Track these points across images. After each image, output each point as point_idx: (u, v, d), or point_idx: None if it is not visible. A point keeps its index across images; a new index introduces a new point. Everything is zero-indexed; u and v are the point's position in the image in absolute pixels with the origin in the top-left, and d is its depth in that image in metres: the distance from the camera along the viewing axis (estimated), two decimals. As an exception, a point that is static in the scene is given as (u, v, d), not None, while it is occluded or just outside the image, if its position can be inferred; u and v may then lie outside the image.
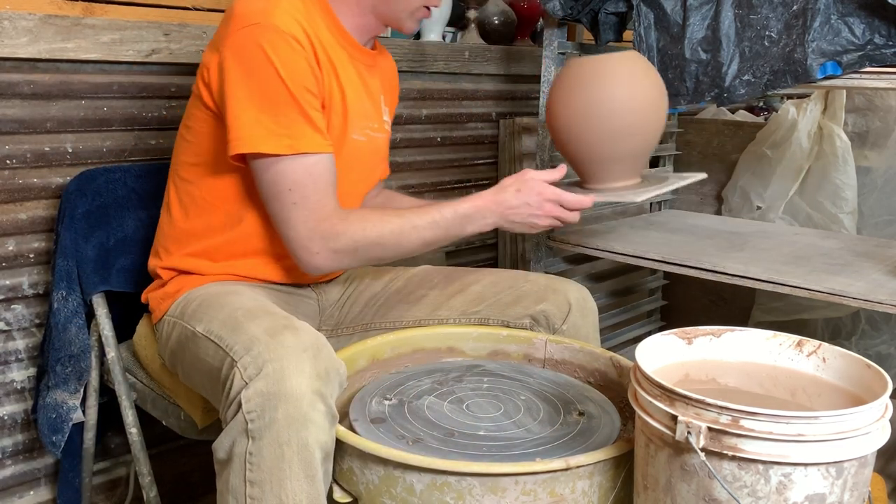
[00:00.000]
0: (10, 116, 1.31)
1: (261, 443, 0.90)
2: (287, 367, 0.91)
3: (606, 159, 1.27)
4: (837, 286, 1.36)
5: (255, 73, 1.06)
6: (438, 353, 1.30)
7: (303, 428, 0.89)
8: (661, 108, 1.29)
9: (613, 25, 1.63)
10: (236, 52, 1.07)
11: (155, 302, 1.22)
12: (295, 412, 0.89)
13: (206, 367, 1.03)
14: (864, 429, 0.76)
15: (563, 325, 1.29)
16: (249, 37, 1.06)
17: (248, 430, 0.90)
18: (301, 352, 0.92)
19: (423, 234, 1.15)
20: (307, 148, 1.08)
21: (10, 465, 1.43)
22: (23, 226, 1.36)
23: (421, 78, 1.91)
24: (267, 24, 1.06)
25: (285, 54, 1.06)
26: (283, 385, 0.89)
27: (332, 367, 0.95)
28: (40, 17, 1.30)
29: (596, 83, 1.25)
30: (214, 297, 1.12)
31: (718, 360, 0.98)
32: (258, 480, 0.90)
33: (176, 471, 1.63)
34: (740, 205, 2.20)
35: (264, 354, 0.92)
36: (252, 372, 0.92)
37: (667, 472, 0.82)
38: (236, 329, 0.99)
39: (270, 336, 0.94)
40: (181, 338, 1.12)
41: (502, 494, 0.88)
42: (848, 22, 1.29)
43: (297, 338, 0.94)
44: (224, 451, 0.94)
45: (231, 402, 0.93)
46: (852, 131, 2.14)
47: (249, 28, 1.06)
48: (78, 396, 1.34)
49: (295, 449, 0.89)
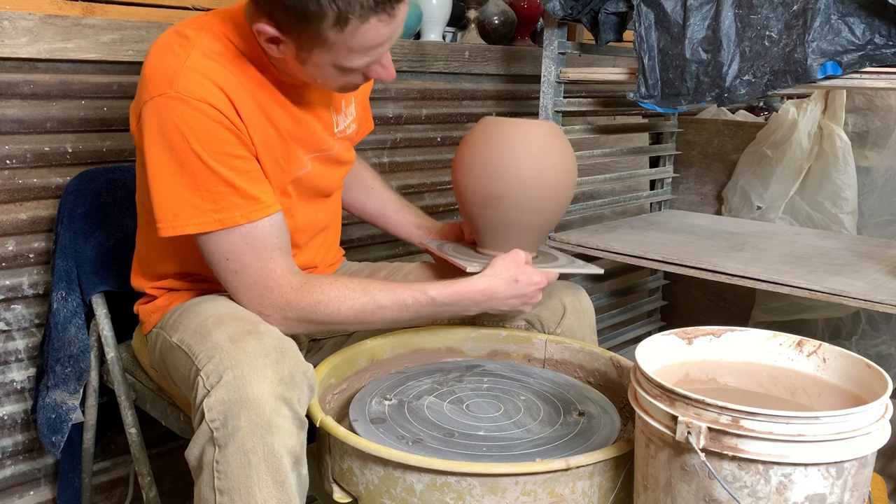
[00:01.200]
0: (10, 116, 1.31)
1: (226, 451, 0.89)
2: (247, 373, 0.89)
3: (506, 229, 1.21)
4: (838, 286, 1.36)
5: (173, 150, 0.99)
6: (438, 354, 1.30)
7: (268, 434, 0.88)
8: (568, 186, 1.23)
9: (613, 25, 1.63)
10: (150, 125, 1.00)
11: (145, 314, 1.22)
12: (258, 419, 0.88)
13: (180, 378, 1.03)
14: (865, 429, 0.76)
15: (558, 329, 1.29)
16: (160, 110, 0.99)
17: (214, 439, 0.90)
18: (262, 357, 0.91)
19: (389, 315, 1.08)
20: (239, 220, 1.01)
21: (10, 465, 1.43)
22: (23, 226, 1.36)
23: (421, 78, 1.91)
24: (173, 96, 0.98)
25: (198, 127, 0.98)
26: (244, 392, 0.88)
27: (297, 370, 0.93)
28: (40, 17, 1.30)
29: (504, 149, 1.18)
30: (192, 306, 1.11)
31: (719, 360, 0.98)
32: (226, 489, 0.90)
33: (176, 471, 1.63)
34: (740, 205, 2.20)
35: (225, 361, 0.91)
36: (213, 380, 0.91)
37: (667, 472, 0.82)
38: (203, 337, 0.98)
39: (232, 342, 0.93)
40: (162, 349, 1.11)
41: (502, 495, 0.88)
42: (848, 22, 1.29)
43: (260, 342, 0.93)
44: (194, 459, 0.94)
45: (197, 409, 0.92)
46: (852, 131, 2.14)
47: (158, 99, 0.99)
48: (77, 396, 1.34)
49: (261, 455, 0.88)
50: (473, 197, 1.21)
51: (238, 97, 1.03)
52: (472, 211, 1.23)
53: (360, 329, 1.14)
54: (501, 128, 1.20)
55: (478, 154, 1.20)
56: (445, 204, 2.05)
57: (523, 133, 1.19)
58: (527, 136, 1.19)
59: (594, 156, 1.93)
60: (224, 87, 1.01)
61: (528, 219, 1.20)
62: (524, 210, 1.19)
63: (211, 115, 0.99)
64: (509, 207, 1.19)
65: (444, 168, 2.04)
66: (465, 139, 1.26)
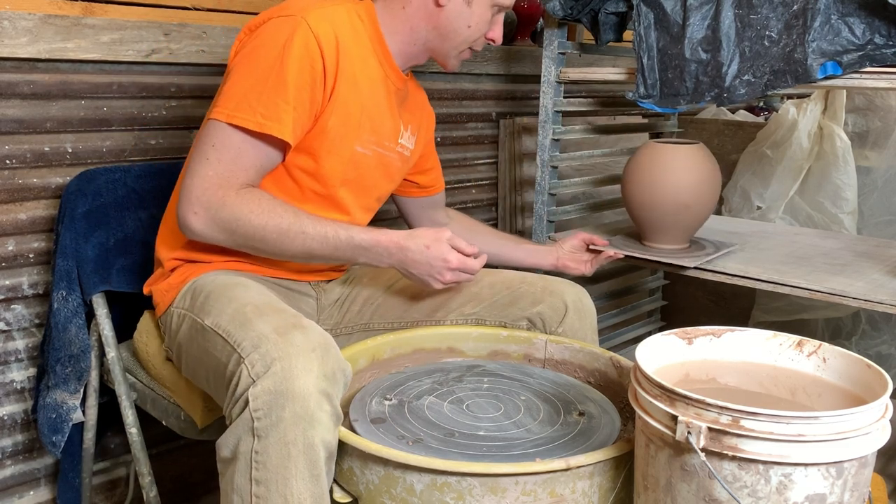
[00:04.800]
0: (10, 116, 1.31)
1: (267, 441, 0.90)
2: (295, 366, 0.91)
3: (663, 226, 1.58)
4: (837, 286, 1.36)
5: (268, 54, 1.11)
6: (438, 354, 1.30)
7: (309, 427, 0.89)
8: (713, 192, 1.56)
9: (613, 25, 1.63)
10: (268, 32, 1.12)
11: (159, 294, 1.21)
12: (302, 411, 0.89)
13: (213, 363, 1.03)
14: (865, 429, 0.76)
15: (560, 328, 1.29)
16: (281, 24, 1.11)
17: (254, 429, 0.90)
18: (310, 351, 0.92)
19: (309, 244, 1.11)
20: (253, 126, 1.09)
21: (10, 465, 1.43)
22: (23, 226, 1.36)
23: (421, 78, 1.91)
24: (300, 21, 1.11)
25: (299, 52, 1.10)
26: (292, 384, 0.89)
27: (338, 367, 0.95)
28: (40, 17, 1.30)
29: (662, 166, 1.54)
30: (222, 290, 1.11)
31: (719, 360, 0.98)
32: (264, 479, 0.90)
33: (176, 471, 1.63)
34: (740, 205, 2.20)
35: (273, 353, 0.92)
36: (260, 369, 0.91)
37: (667, 472, 0.82)
38: (245, 325, 0.99)
39: (279, 334, 0.94)
40: (191, 331, 1.11)
41: (502, 495, 0.88)
42: (848, 22, 1.29)
43: (306, 337, 0.94)
44: (229, 450, 0.94)
45: (237, 399, 0.93)
46: (852, 131, 2.14)
47: (284, 18, 1.12)
48: (78, 396, 1.34)
49: (301, 448, 0.89)
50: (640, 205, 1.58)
51: (346, 57, 1.15)
52: (639, 214, 1.60)
53: (281, 255, 1.15)
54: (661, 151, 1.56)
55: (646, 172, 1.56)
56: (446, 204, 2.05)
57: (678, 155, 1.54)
58: (678, 159, 1.54)
59: (594, 156, 1.93)
60: (340, 41, 1.14)
61: (679, 219, 1.56)
62: (677, 214, 1.55)
63: (313, 50, 1.11)
64: (666, 213, 1.55)
65: (445, 168, 2.02)
66: (633, 158, 1.62)
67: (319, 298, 1.35)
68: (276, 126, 1.10)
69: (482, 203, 2.17)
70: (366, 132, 1.23)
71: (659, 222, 1.57)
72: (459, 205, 2.10)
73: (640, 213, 1.60)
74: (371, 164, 1.27)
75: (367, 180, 1.28)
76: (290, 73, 1.09)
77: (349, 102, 1.18)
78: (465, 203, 2.11)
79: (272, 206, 1.10)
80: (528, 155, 2.10)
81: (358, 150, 1.23)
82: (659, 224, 1.58)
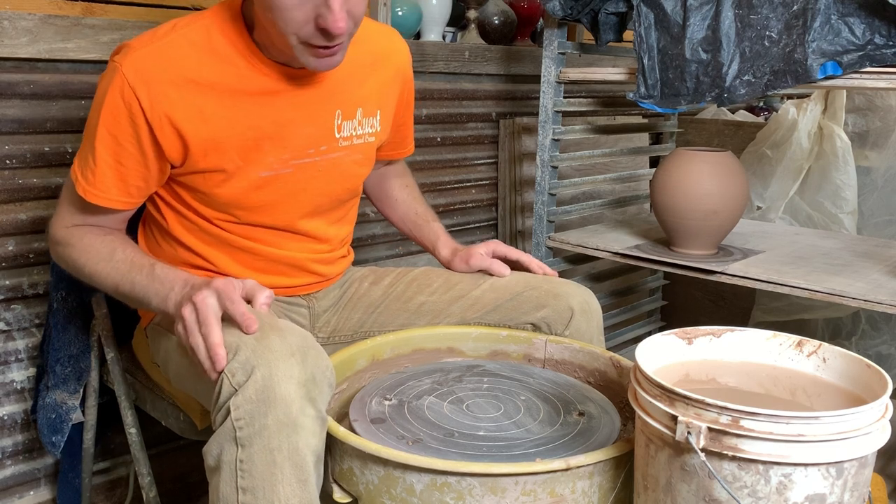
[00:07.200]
0: (10, 116, 1.31)
1: (251, 450, 0.89)
2: (275, 373, 0.89)
3: (691, 232, 1.61)
4: (837, 286, 1.36)
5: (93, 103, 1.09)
6: (438, 354, 1.30)
7: (293, 433, 0.88)
8: (741, 199, 1.58)
9: (613, 25, 1.63)
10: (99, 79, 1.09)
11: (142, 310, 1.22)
12: (285, 418, 0.88)
13: (194, 373, 1.02)
14: (865, 429, 0.76)
15: (566, 331, 1.27)
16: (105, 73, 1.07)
17: (237, 438, 0.89)
18: (289, 356, 0.91)
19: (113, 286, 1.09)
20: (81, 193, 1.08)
21: (10, 465, 1.43)
22: (23, 226, 1.36)
23: (421, 78, 1.91)
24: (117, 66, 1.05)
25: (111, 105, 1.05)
26: (273, 392, 0.88)
27: (320, 369, 0.93)
28: (40, 17, 1.30)
29: (691, 173, 1.57)
30: None
31: (718, 360, 0.98)
32: (250, 487, 0.89)
33: (176, 471, 1.63)
34: (740, 205, 2.20)
35: (252, 360, 0.90)
36: (241, 378, 0.90)
37: (667, 472, 0.82)
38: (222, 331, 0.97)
39: (256, 339, 0.92)
40: (171, 343, 1.11)
41: (502, 495, 0.88)
42: (848, 22, 1.29)
43: (284, 340, 0.92)
44: (213, 459, 0.93)
45: (220, 408, 0.92)
46: (852, 131, 2.14)
47: (110, 63, 1.07)
48: (77, 396, 1.34)
49: (286, 454, 0.88)
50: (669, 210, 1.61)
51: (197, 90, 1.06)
52: (668, 219, 1.63)
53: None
54: (690, 158, 1.59)
55: (674, 179, 1.59)
56: (445, 204, 2.05)
57: (707, 162, 1.57)
58: (707, 166, 1.57)
59: (594, 156, 1.93)
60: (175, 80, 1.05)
61: (707, 225, 1.59)
62: (706, 220, 1.58)
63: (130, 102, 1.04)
64: (695, 219, 1.58)
65: (445, 168, 2.04)
66: (662, 165, 1.64)
67: (312, 307, 1.32)
68: (102, 196, 1.09)
69: (482, 203, 2.17)
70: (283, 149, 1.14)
71: (687, 228, 1.60)
72: (459, 205, 2.10)
73: (669, 219, 1.62)
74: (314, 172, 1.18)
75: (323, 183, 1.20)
76: (106, 129, 1.05)
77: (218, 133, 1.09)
78: (465, 203, 2.11)
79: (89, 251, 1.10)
80: (528, 155, 2.10)
81: (263, 175, 1.14)
82: (687, 230, 1.60)
